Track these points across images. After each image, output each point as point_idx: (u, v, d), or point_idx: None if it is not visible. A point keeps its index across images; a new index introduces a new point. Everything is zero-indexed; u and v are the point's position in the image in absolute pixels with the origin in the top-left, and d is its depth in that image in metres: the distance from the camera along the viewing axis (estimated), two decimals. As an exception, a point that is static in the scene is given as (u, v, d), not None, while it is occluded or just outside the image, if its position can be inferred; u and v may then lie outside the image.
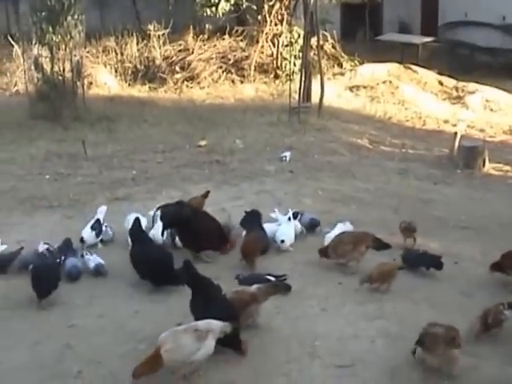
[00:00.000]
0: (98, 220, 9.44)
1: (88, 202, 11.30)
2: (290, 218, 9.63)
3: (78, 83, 17.67)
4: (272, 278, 8.04)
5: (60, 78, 17.38)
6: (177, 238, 9.28)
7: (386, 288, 8.13)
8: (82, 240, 9.13)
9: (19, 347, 6.92)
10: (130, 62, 22.28)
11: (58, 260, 8.41)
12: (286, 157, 13.76)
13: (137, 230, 8.65)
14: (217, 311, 6.60)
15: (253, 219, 9.52)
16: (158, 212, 9.17)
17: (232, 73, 22.65)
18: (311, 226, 9.98)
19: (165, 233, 9.16)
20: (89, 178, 12.66)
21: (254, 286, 7.38)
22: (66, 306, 7.73)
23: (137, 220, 8.73)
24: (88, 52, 21.30)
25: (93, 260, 8.60)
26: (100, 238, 9.40)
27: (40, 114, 16.84)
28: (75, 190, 11.92)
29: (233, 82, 22.27)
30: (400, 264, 8.58)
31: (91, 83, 20.04)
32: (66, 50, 17.56)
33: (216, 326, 6.27)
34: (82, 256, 8.72)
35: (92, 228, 9.32)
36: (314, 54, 19.14)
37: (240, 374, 6.43)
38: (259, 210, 9.74)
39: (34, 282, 7.62)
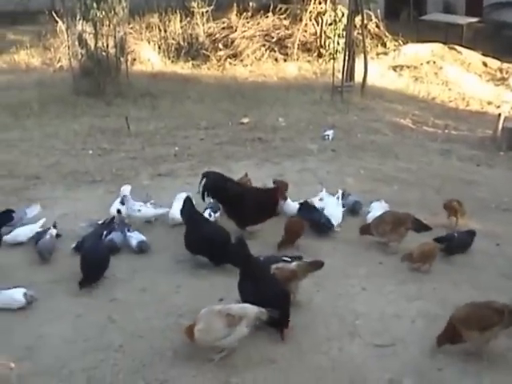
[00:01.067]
0: (125, 196, 9.51)
1: (131, 177, 11.37)
2: (338, 198, 9.61)
3: (122, 59, 17.72)
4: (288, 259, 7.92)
5: (104, 54, 17.45)
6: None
7: (426, 268, 8.10)
8: (118, 211, 9.20)
9: (62, 320, 7.01)
10: (173, 38, 22.28)
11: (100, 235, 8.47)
12: (328, 135, 13.70)
13: (189, 210, 8.52)
14: (267, 294, 6.59)
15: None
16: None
17: (275, 51, 22.55)
18: (354, 210, 9.93)
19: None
20: (131, 153, 12.73)
21: (294, 263, 7.39)
22: (108, 280, 7.78)
23: (188, 199, 8.60)
24: (131, 28, 21.36)
25: (135, 237, 8.61)
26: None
27: (83, 90, 16.96)
28: (118, 166, 12.02)
29: (276, 60, 22.19)
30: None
31: (134, 59, 20.12)
32: (109, 26, 17.62)
33: (251, 312, 6.24)
34: (123, 232, 8.75)
35: (121, 203, 9.45)
36: (358, 33, 18.99)
37: (280, 351, 6.44)
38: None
39: (84, 268, 7.62)
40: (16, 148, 13.11)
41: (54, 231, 8.55)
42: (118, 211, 9.17)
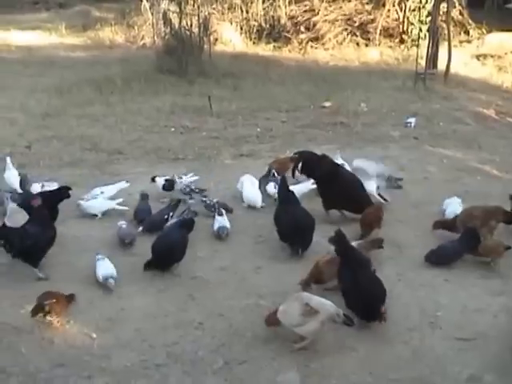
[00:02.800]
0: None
1: (213, 156, 11.46)
2: None
3: (205, 39, 17.82)
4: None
5: (187, 33, 17.56)
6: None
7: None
8: (153, 179, 9.45)
9: (144, 294, 7.08)
10: (255, 20, 22.34)
11: (166, 216, 8.56)
12: (411, 123, 13.53)
13: (284, 190, 8.42)
14: (364, 287, 6.53)
15: None
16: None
17: (357, 35, 22.40)
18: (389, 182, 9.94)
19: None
20: (214, 132, 12.81)
21: (355, 242, 7.41)
22: (189, 258, 7.79)
23: (283, 179, 8.54)
24: (214, 9, 21.43)
25: (219, 221, 8.56)
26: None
27: (166, 68, 17.15)
28: (200, 144, 12.11)
29: (357, 44, 22.04)
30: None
31: (216, 39, 20.24)
32: (194, 5, 17.74)
33: (328, 309, 6.14)
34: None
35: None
36: (442, 20, 18.68)
37: (360, 339, 6.36)
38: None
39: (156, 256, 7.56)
40: (100, 123, 13.37)
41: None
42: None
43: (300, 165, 9.26)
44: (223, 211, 8.71)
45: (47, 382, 5.75)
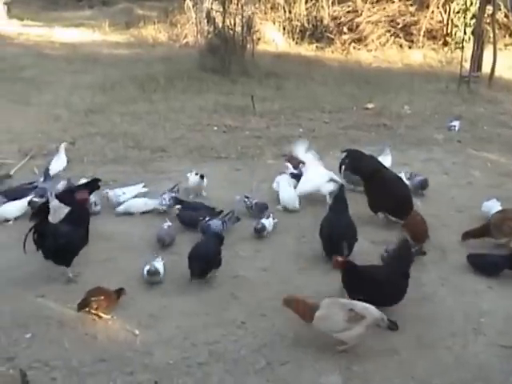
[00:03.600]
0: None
1: (256, 156, 11.48)
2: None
3: (248, 38, 17.82)
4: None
5: (231, 32, 17.59)
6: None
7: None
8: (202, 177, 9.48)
9: (186, 292, 7.10)
10: (298, 20, 22.29)
11: (202, 218, 8.51)
12: (454, 126, 13.41)
13: (340, 198, 8.21)
14: None
15: None
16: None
17: (400, 37, 22.26)
18: (422, 187, 9.84)
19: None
20: (256, 132, 12.82)
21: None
22: (231, 257, 7.82)
23: (342, 187, 8.39)
24: (257, 8, 21.43)
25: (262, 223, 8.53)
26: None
27: (209, 67, 17.20)
28: (243, 143, 12.13)
29: (400, 46, 21.91)
30: None
31: (259, 39, 20.22)
32: (237, 4, 17.76)
33: (373, 314, 6.10)
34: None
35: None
36: (487, 22, 18.51)
37: (403, 342, 6.32)
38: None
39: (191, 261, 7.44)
40: (143, 120, 13.46)
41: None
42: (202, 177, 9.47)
43: (347, 161, 9.25)
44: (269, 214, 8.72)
45: (90, 376, 5.79)
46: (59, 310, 6.76)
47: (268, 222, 8.52)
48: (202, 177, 9.49)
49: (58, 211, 8.16)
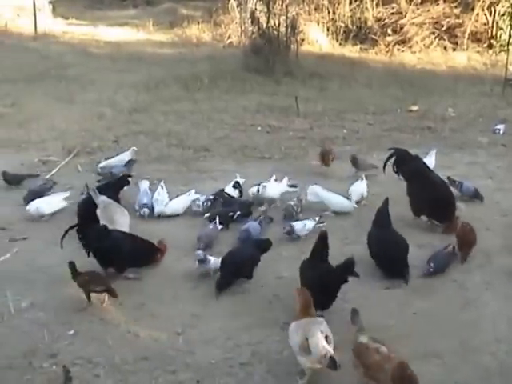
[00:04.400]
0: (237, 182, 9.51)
1: (299, 157, 11.47)
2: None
3: (292, 39, 17.79)
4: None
5: (275, 32, 17.57)
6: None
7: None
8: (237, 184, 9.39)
9: (229, 293, 7.08)
10: (341, 21, 22.16)
11: (232, 213, 8.56)
12: (499, 129, 13.23)
13: (383, 212, 8.00)
14: None
15: None
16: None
17: (444, 39, 22.02)
18: (475, 196, 9.65)
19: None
20: (300, 133, 12.79)
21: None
22: (275, 258, 7.79)
23: (386, 201, 8.08)
24: (301, 9, 21.37)
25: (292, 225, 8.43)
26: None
27: (253, 67, 17.20)
28: (286, 144, 12.11)
29: (445, 48, 21.68)
30: None
31: (303, 40, 20.14)
32: (282, 5, 17.73)
33: (317, 354, 5.57)
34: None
35: (234, 187, 9.44)
36: (532, 25, 18.30)
37: (445, 346, 6.24)
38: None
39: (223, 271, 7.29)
40: (186, 119, 13.52)
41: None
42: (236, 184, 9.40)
43: (392, 160, 9.17)
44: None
45: (132, 374, 5.80)
46: (102, 307, 6.80)
47: (302, 225, 8.44)
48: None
49: (108, 207, 8.22)
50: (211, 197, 8.97)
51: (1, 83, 16.34)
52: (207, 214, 8.67)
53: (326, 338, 5.69)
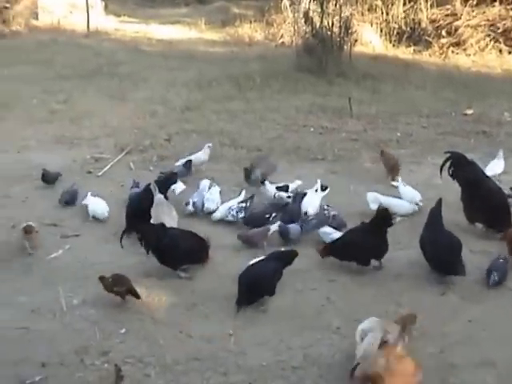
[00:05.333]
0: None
1: (353, 159, 11.36)
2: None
3: (346, 39, 17.67)
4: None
5: (328, 32, 17.47)
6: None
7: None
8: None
9: (281, 295, 7.00)
10: (395, 22, 21.92)
11: (268, 215, 8.50)
12: (556, 134, 12.99)
13: (436, 212, 7.84)
14: None
15: None
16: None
17: (500, 42, 21.63)
18: None
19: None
20: (353, 134, 12.66)
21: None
22: (327, 260, 7.72)
23: (439, 202, 7.89)
24: (354, 9, 21.21)
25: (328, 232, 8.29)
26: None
27: (305, 67, 17.10)
28: (339, 146, 12.00)
29: (500, 51, 21.28)
30: None
31: (356, 40, 19.91)
32: (336, 5, 17.63)
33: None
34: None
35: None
36: None
37: (501, 355, 6.11)
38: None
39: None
40: (239, 119, 13.49)
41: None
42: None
43: (447, 164, 8.98)
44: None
45: (183, 374, 5.78)
46: (154, 306, 6.82)
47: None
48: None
49: (159, 206, 8.22)
50: (243, 204, 8.85)
51: (54, 80, 16.51)
52: (241, 215, 8.67)
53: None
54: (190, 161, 10.27)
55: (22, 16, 23.45)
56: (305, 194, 8.91)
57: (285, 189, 9.23)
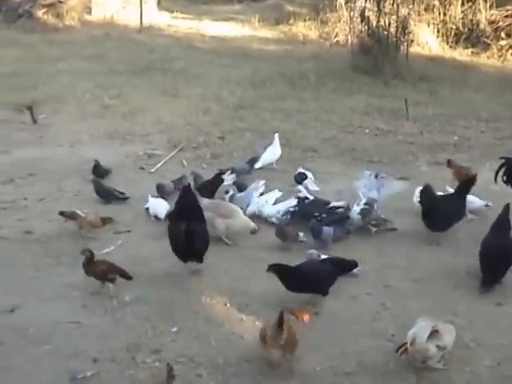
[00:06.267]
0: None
1: (408, 162, 11.21)
2: None
3: (402, 39, 17.46)
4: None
5: (385, 32, 17.28)
6: None
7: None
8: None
9: (335, 300, 6.92)
10: (452, 23, 21.62)
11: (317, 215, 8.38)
12: None
13: (503, 217, 7.60)
14: None
15: None
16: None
17: (560, 44, 21.25)
18: None
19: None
20: (409, 137, 12.49)
21: None
22: (383, 265, 7.66)
23: (506, 207, 7.67)
24: (411, 9, 20.96)
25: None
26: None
27: (361, 67, 16.98)
28: (395, 148, 11.87)
29: (561, 54, 20.90)
30: None
31: (412, 41, 19.71)
32: (393, 4, 17.44)
33: None
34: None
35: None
36: None
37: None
38: None
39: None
40: (293, 118, 13.40)
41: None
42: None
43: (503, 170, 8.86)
44: None
45: (235, 376, 5.71)
46: (206, 306, 6.75)
47: None
48: None
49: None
50: (291, 209, 8.70)
51: (106, 75, 16.62)
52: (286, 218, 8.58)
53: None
54: (255, 158, 10.22)
55: (75, 10, 23.65)
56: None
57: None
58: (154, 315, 6.55)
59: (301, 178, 9.48)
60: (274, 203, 8.92)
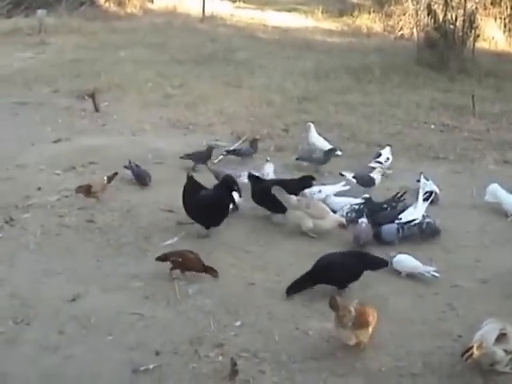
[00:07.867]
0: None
1: (475, 159, 11.01)
2: None
3: (469, 34, 17.17)
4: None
5: (451, 26, 17.01)
6: None
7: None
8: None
9: (401, 298, 6.86)
10: (520, 17, 21.21)
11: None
12: None
13: None
14: None
15: None
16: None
17: None
18: None
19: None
20: (475, 134, 12.27)
21: None
22: (450, 265, 7.52)
23: None
24: (478, 3, 20.61)
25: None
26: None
27: (426, 62, 16.78)
28: (462, 145, 11.67)
29: None
30: None
31: (478, 36, 19.36)
32: (460, -2, 17.19)
33: None
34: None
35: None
36: None
37: None
38: None
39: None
40: (357, 111, 13.30)
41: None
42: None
43: None
44: None
45: (299, 373, 5.65)
46: (270, 301, 6.71)
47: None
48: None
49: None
50: (356, 206, 8.59)
51: (169, 64, 16.67)
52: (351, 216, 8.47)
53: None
54: (333, 149, 10.20)
55: (137, -1, 23.83)
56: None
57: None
58: (217, 308, 6.52)
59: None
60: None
